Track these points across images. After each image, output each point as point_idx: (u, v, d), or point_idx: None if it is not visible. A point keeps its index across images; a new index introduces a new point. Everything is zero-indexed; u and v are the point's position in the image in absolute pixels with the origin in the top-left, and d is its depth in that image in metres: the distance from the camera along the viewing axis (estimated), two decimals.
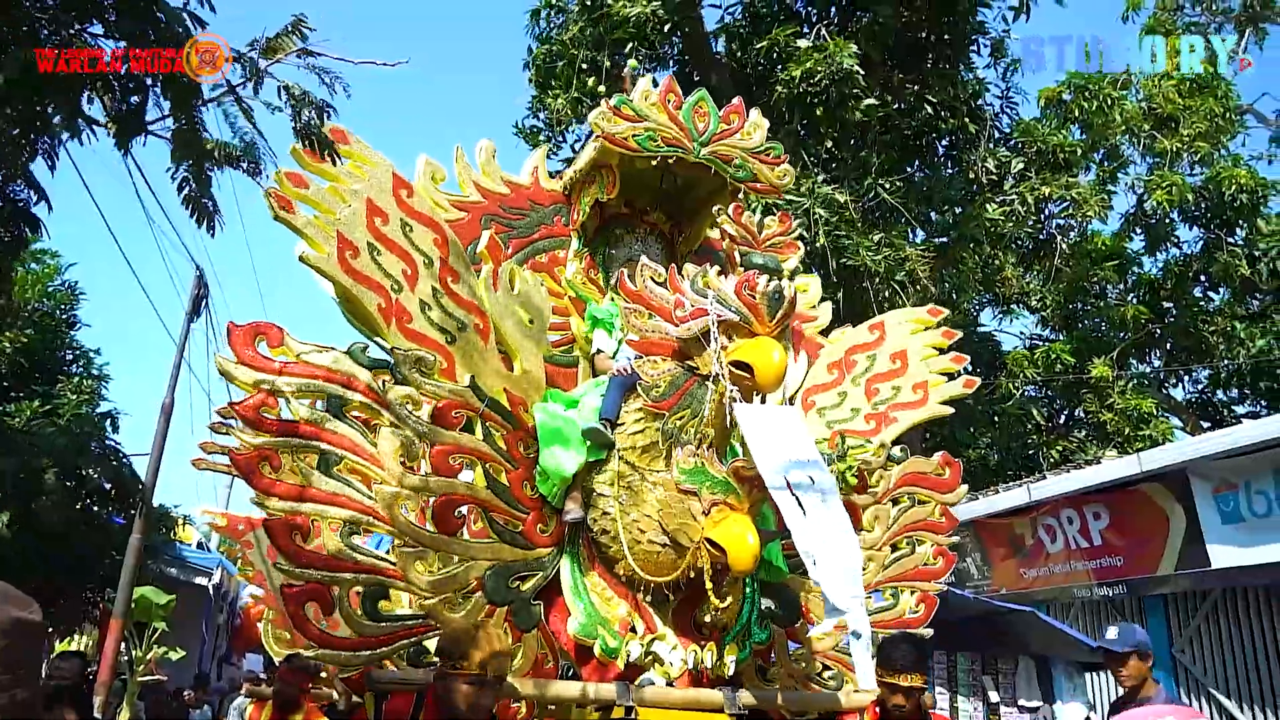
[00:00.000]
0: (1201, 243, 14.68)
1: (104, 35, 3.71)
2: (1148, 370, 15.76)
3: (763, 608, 4.60)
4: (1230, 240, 13.85)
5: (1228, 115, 14.67)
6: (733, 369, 4.01)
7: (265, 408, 3.85)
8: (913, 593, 5.07)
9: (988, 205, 12.44)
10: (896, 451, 5.23)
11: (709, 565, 3.99)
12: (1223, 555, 8.36)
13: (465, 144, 5.21)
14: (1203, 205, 13.83)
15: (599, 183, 5.06)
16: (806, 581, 4.74)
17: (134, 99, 3.87)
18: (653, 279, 4.34)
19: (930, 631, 5.04)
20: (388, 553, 3.97)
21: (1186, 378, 15.97)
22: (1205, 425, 14.72)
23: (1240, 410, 15.27)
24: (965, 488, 5.34)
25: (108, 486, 6.77)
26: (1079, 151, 13.27)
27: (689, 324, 4.11)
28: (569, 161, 5.30)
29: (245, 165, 4.22)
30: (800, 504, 3.64)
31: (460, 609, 3.98)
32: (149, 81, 3.81)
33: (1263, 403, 14.73)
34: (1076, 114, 14.06)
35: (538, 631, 4.15)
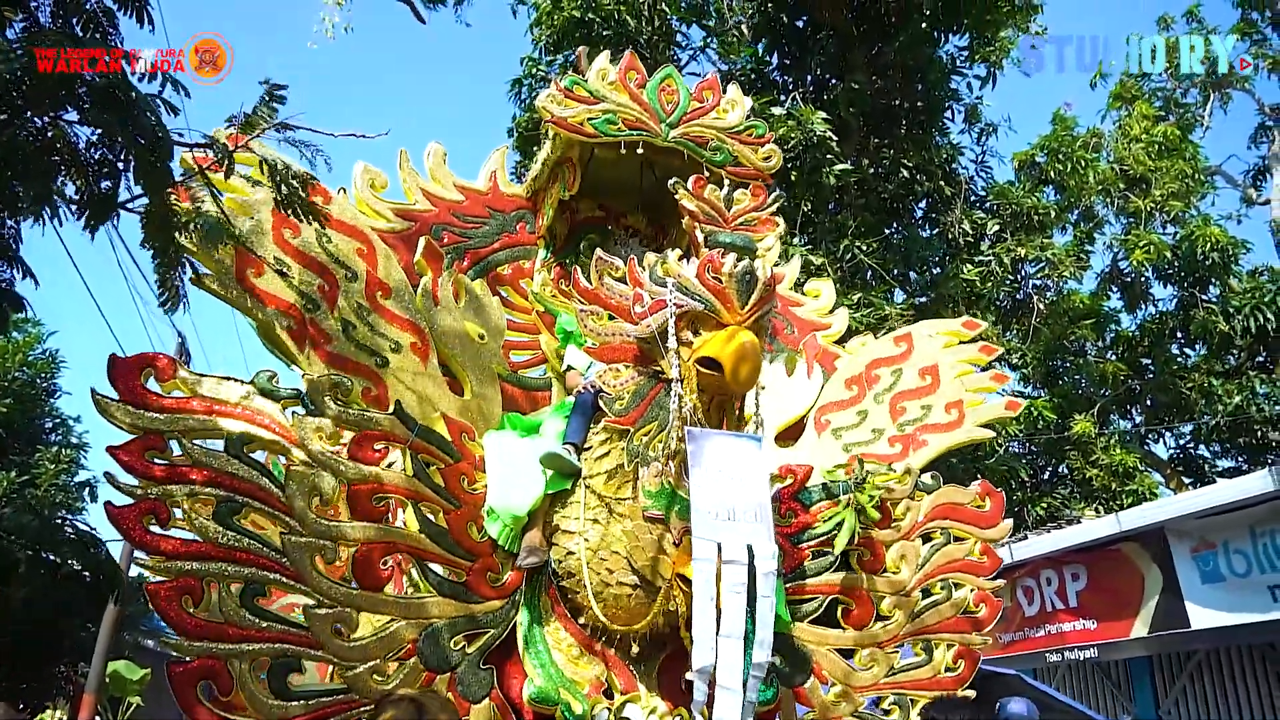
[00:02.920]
0: (1176, 300, 14.99)
1: (79, 122, 3.42)
2: (1129, 426, 15.93)
3: None
4: (1204, 298, 14.18)
5: (1197, 176, 15.10)
6: (698, 369, 3.31)
7: (151, 451, 3.27)
8: (949, 647, 4.18)
9: (965, 266, 12.78)
10: (927, 479, 4.40)
11: (685, 608, 3.25)
12: (1203, 616, 8.19)
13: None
14: (1177, 264, 14.17)
15: (560, 180, 4.45)
16: (819, 632, 3.95)
17: (106, 183, 3.54)
18: (610, 274, 3.68)
19: (973, 694, 4.17)
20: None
21: (1168, 434, 16.20)
22: (1187, 481, 14.96)
23: (1221, 465, 15.47)
24: (1009, 523, 4.47)
25: (84, 573, 6.37)
26: (1053, 213, 13.76)
27: (646, 320, 3.44)
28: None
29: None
30: (718, 582, 3.00)
31: (391, 679, 3.30)
32: (121, 166, 3.48)
33: (1243, 458, 14.94)
34: (1051, 176, 14.51)
35: (490, 701, 3.44)
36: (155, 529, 3.19)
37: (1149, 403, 15.83)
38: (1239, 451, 15.13)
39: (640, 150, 4.26)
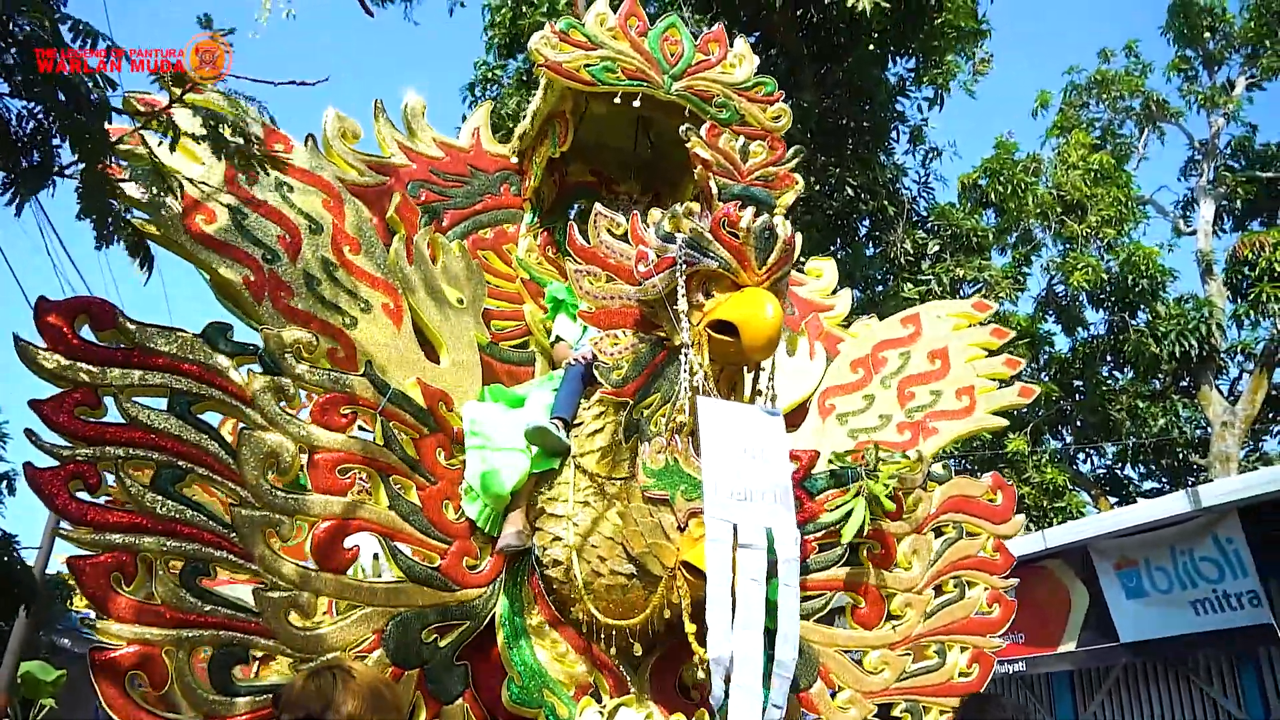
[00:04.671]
0: (1107, 324, 15.50)
1: (8, 94, 3.02)
2: (1060, 446, 16.39)
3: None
4: (1134, 323, 14.68)
5: (1130, 204, 15.66)
6: (711, 333, 2.96)
7: (84, 409, 2.83)
8: (963, 649, 3.87)
9: (906, 285, 13.01)
10: (938, 469, 4.10)
11: (689, 600, 2.89)
12: (1129, 630, 8.26)
13: None
14: (1109, 288, 14.68)
15: (551, 137, 4.08)
16: (827, 632, 3.61)
17: (36, 156, 3.11)
18: (609, 230, 3.32)
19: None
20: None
21: (1095, 454, 16.76)
22: (1112, 501, 15.42)
23: (1145, 486, 16.18)
24: (1021, 518, 4.19)
25: None
26: (991, 235, 14.14)
27: (653, 279, 3.08)
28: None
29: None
30: (734, 567, 2.66)
31: None
32: (55, 135, 3.06)
33: (1165, 479, 15.58)
34: (992, 198, 14.88)
35: (463, 701, 3.05)
36: (83, 496, 2.76)
37: (1079, 423, 16.34)
38: (1162, 473, 15.78)
39: (638, 104, 3.90)
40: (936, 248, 13.53)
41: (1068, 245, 15.59)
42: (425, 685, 3.00)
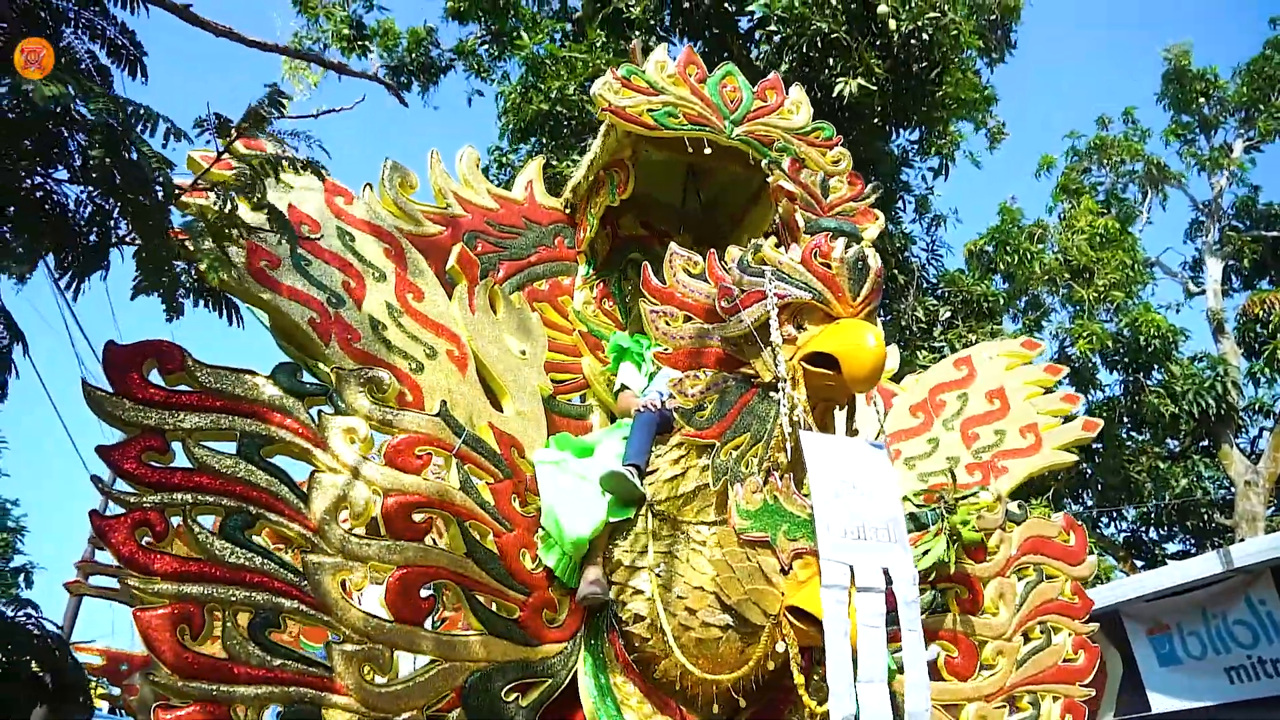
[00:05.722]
0: (1123, 385, 15.48)
1: (69, 180, 3.03)
2: (1081, 510, 16.13)
3: None
4: (1149, 383, 14.66)
5: (1137, 267, 15.73)
6: (805, 367, 2.85)
7: (152, 454, 2.70)
8: (1055, 699, 3.70)
9: (920, 351, 12.85)
10: (1014, 508, 3.97)
11: (796, 649, 2.71)
12: (1163, 701, 7.94)
13: None
14: (1121, 350, 14.70)
15: (608, 185, 4.04)
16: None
17: (93, 238, 3.08)
18: (685, 270, 3.24)
19: None
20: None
21: (1118, 517, 16.54)
22: (1139, 564, 15.18)
23: (1170, 549, 15.85)
24: (1095, 560, 4.06)
25: (45, 680, 5.57)
26: (1001, 300, 14.09)
27: (739, 315, 2.98)
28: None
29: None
30: (851, 609, 2.52)
31: None
32: (114, 213, 3.05)
33: (1190, 540, 15.29)
34: (1001, 266, 15.03)
35: None
36: (148, 543, 2.60)
37: (1099, 486, 16.11)
38: (1186, 534, 15.45)
39: (707, 150, 3.87)
40: (948, 314, 13.47)
41: (1077, 309, 15.55)
42: None
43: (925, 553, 3.48)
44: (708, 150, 3.81)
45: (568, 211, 4.30)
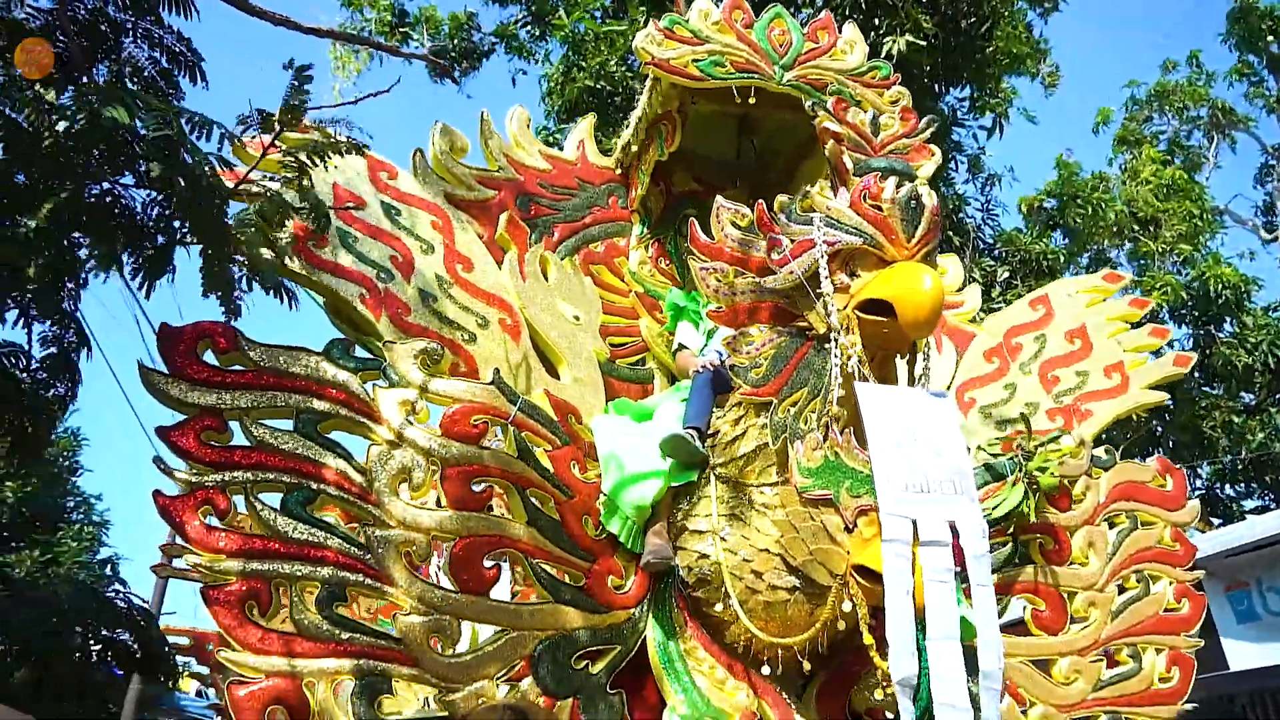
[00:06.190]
0: (1192, 339, 14.79)
1: (134, 185, 3.15)
2: None
3: None
4: (1220, 335, 14.06)
5: (1205, 216, 15.09)
6: (860, 315, 2.73)
7: (210, 433, 2.73)
8: (1159, 651, 3.52)
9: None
10: (1101, 453, 3.77)
11: (865, 609, 2.62)
12: (1241, 657, 7.67)
13: None
14: (1190, 303, 14.15)
15: (656, 141, 3.94)
16: (1009, 640, 3.29)
17: (160, 239, 3.18)
18: (733, 223, 3.13)
19: (1192, 706, 3.48)
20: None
21: (1192, 474, 15.63)
22: (1215, 521, 14.39)
23: (1248, 505, 15.25)
24: (1197, 504, 3.84)
25: (135, 649, 5.90)
26: (1062, 258, 13.68)
27: (789, 266, 2.87)
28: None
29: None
30: (915, 569, 2.38)
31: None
32: (178, 224, 3.12)
33: (1269, 495, 14.82)
34: (1061, 220, 14.50)
35: None
36: (213, 522, 2.64)
37: (1171, 443, 15.58)
38: (1264, 489, 15.08)
39: (752, 99, 3.73)
40: (1006, 274, 13.19)
41: (1142, 262, 15.14)
42: (579, 715, 2.77)
43: (998, 503, 3.32)
44: (753, 100, 3.67)
45: (619, 171, 4.22)
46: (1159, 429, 15.30)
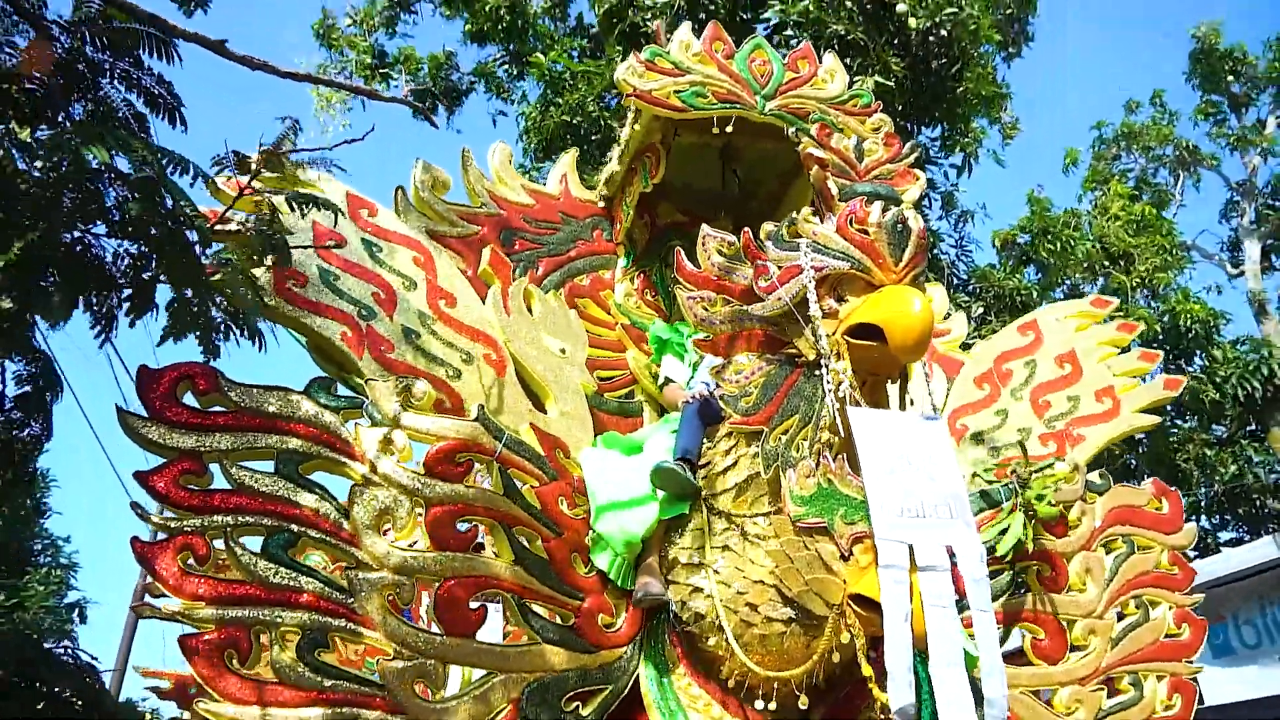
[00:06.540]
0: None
1: (106, 234, 3.07)
2: None
3: None
4: (1189, 369, 14.27)
5: (1174, 251, 15.42)
6: (850, 340, 2.70)
7: (189, 476, 2.66)
8: (1160, 678, 3.46)
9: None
10: (1095, 478, 3.73)
11: (863, 639, 2.56)
12: (1216, 692, 7.57)
13: None
14: (1161, 337, 14.27)
15: (640, 173, 3.92)
16: (1009, 671, 3.22)
17: (127, 290, 3.13)
18: (719, 251, 3.11)
19: None
20: (372, 671, 2.66)
21: None
22: (1192, 554, 14.25)
23: (1223, 537, 15.40)
24: (1194, 528, 3.81)
25: (75, 701, 5.80)
26: (1034, 293, 13.79)
27: (777, 293, 2.84)
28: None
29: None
30: (912, 595, 2.36)
31: None
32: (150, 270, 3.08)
33: (1243, 528, 14.86)
34: (1034, 255, 14.68)
35: None
36: (191, 567, 2.57)
37: (1144, 477, 15.53)
38: (1238, 521, 15.17)
39: (730, 129, 3.72)
40: (980, 310, 13.22)
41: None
42: None
43: (1003, 532, 3.28)
44: (730, 129, 3.66)
45: (603, 205, 4.20)
46: (1133, 462, 15.40)
